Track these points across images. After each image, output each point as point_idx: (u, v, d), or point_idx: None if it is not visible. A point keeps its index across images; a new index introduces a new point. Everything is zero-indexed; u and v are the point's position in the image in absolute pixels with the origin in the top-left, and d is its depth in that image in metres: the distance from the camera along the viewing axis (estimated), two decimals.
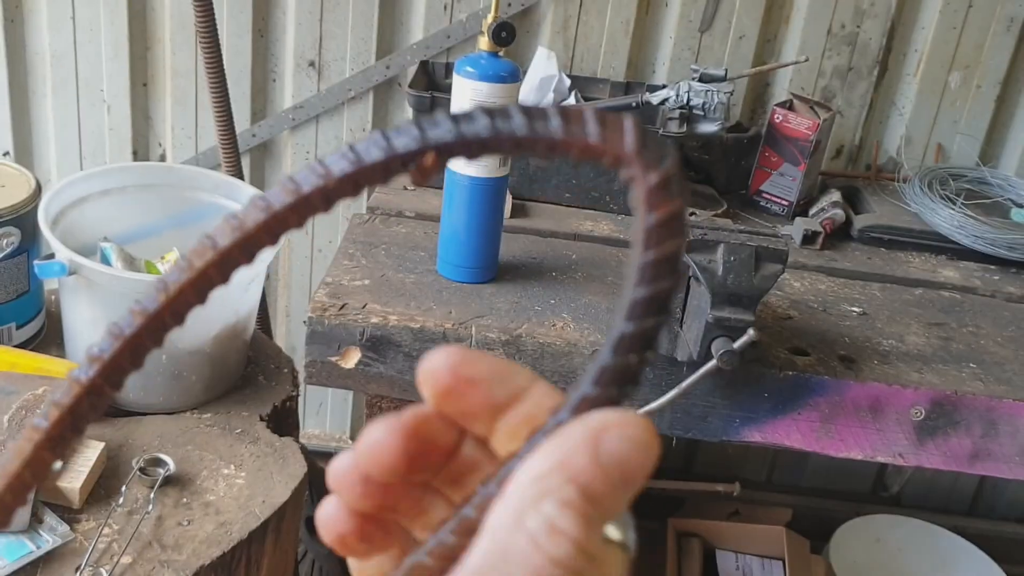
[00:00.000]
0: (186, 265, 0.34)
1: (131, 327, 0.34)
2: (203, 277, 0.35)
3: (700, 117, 1.56)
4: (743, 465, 2.12)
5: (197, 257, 0.34)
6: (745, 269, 1.04)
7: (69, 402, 0.34)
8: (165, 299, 0.35)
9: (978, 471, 1.20)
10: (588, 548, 0.27)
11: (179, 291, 0.35)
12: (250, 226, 0.33)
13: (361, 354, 1.16)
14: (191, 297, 0.35)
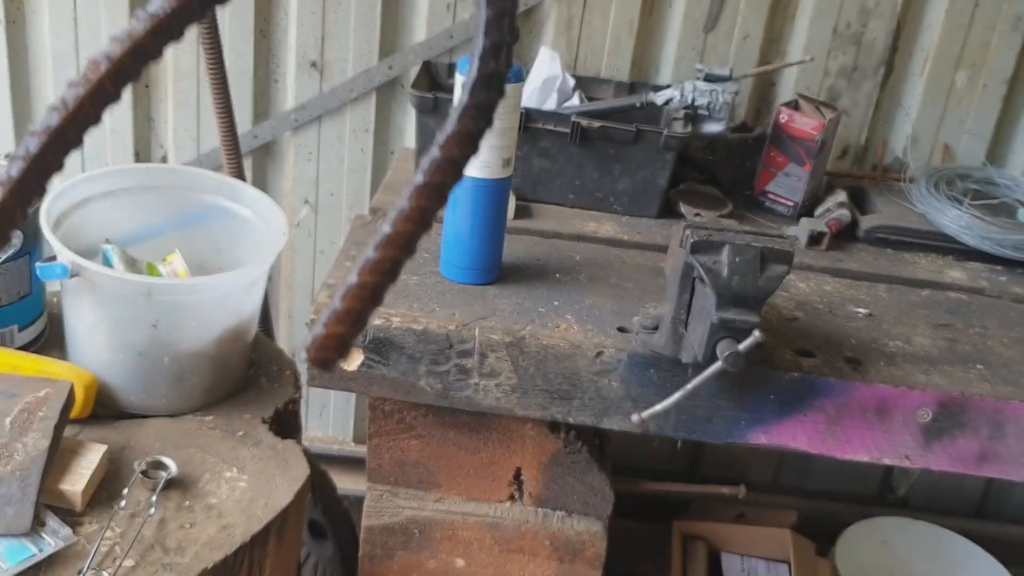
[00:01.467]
0: (82, 80, 0.34)
1: (37, 146, 0.34)
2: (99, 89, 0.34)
3: (705, 117, 1.55)
4: (748, 467, 2.11)
5: (92, 72, 0.34)
6: (750, 270, 1.03)
7: None
8: (66, 114, 0.34)
9: (985, 473, 1.19)
10: None
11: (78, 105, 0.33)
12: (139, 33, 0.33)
13: (364, 356, 1.16)
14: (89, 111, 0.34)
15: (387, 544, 1.31)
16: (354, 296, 0.37)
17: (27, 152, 0.34)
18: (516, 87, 1.18)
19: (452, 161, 0.36)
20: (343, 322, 0.37)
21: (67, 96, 0.34)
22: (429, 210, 0.36)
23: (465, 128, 0.35)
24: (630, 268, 1.37)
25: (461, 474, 1.28)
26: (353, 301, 0.37)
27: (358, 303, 0.37)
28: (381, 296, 0.37)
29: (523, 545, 1.30)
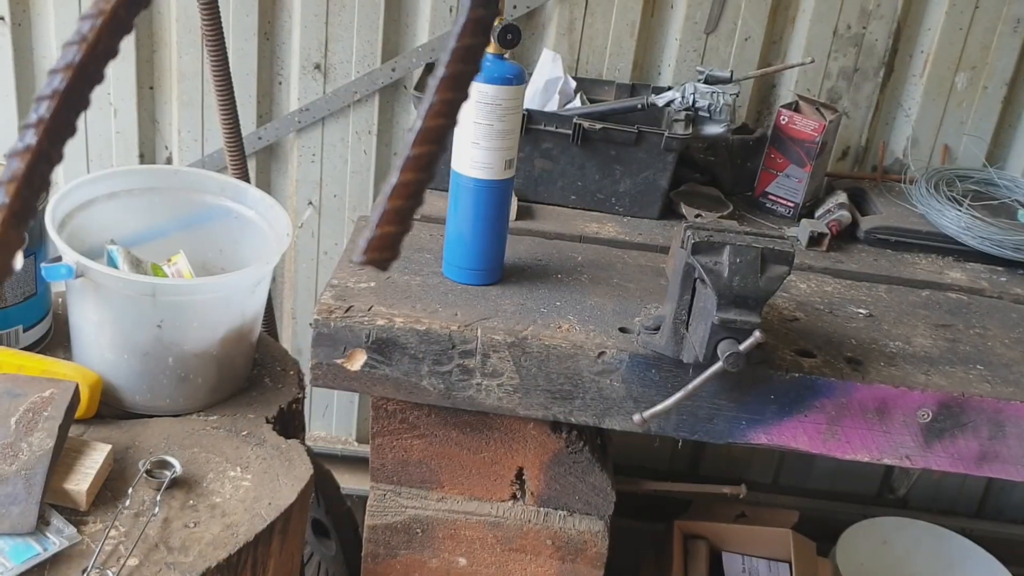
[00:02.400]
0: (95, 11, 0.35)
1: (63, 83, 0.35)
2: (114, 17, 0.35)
3: (706, 119, 1.56)
4: (749, 467, 2.12)
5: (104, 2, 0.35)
6: (751, 271, 1.04)
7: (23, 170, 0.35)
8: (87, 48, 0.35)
9: (985, 473, 1.20)
10: None
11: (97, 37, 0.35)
12: None
13: (367, 356, 1.16)
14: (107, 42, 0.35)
15: (390, 543, 1.32)
16: (398, 195, 0.39)
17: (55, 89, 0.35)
18: (518, 89, 1.18)
19: (469, 48, 0.38)
20: (392, 221, 0.39)
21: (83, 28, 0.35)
22: (456, 102, 0.39)
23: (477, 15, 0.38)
24: (631, 269, 1.38)
25: (463, 473, 1.29)
26: (398, 200, 0.39)
27: (403, 201, 0.39)
28: (422, 193, 0.40)
29: (525, 544, 1.31)
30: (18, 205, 0.36)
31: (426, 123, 0.39)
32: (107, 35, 0.36)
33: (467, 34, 0.38)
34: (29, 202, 0.36)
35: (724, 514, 1.90)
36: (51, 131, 0.35)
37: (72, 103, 0.35)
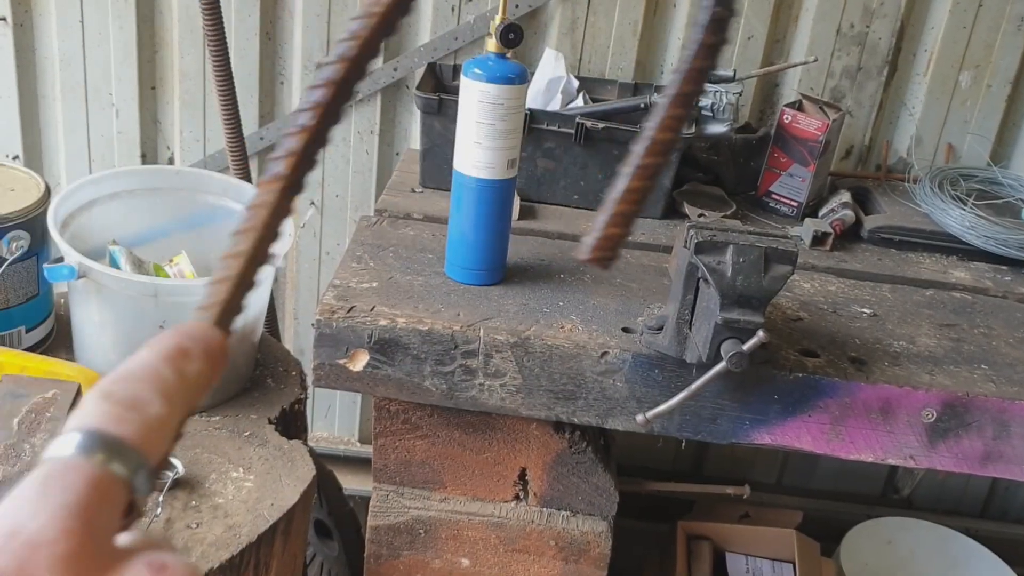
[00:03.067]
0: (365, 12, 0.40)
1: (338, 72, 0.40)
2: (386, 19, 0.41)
3: (709, 118, 1.55)
4: (753, 467, 2.11)
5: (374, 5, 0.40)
6: (754, 270, 1.03)
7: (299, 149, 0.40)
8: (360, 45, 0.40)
9: (990, 473, 1.19)
10: None
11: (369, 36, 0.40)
12: None
13: (369, 356, 1.16)
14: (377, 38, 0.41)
15: (392, 544, 1.31)
16: (627, 200, 0.42)
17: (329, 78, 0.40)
18: (520, 88, 1.18)
19: (700, 71, 0.42)
20: (618, 224, 0.43)
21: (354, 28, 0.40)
22: (683, 118, 0.43)
23: (710, 40, 0.42)
24: (634, 268, 1.37)
25: (466, 474, 1.28)
26: (626, 204, 0.42)
27: (630, 206, 0.43)
28: (646, 200, 0.43)
29: (528, 545, 1.30)
30: (293, 179, 0.40)
31: (657, 135, 0.42)
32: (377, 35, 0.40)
33: (700, 57, 0.42)
34: (302, 177, 0.40)
35: (728, 514, 1.89)
36: (325, 115, 0.40)
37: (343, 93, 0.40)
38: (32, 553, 0.29)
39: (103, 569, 0.30)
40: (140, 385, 0.34)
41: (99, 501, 0.31)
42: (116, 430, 0.32)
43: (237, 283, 0.39)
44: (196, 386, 0.36)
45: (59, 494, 0.30)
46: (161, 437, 0.34)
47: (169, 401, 0.34)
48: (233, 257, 0.39)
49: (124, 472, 0.32)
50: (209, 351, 0.37)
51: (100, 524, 0.30)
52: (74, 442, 0.32)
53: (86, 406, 0.33)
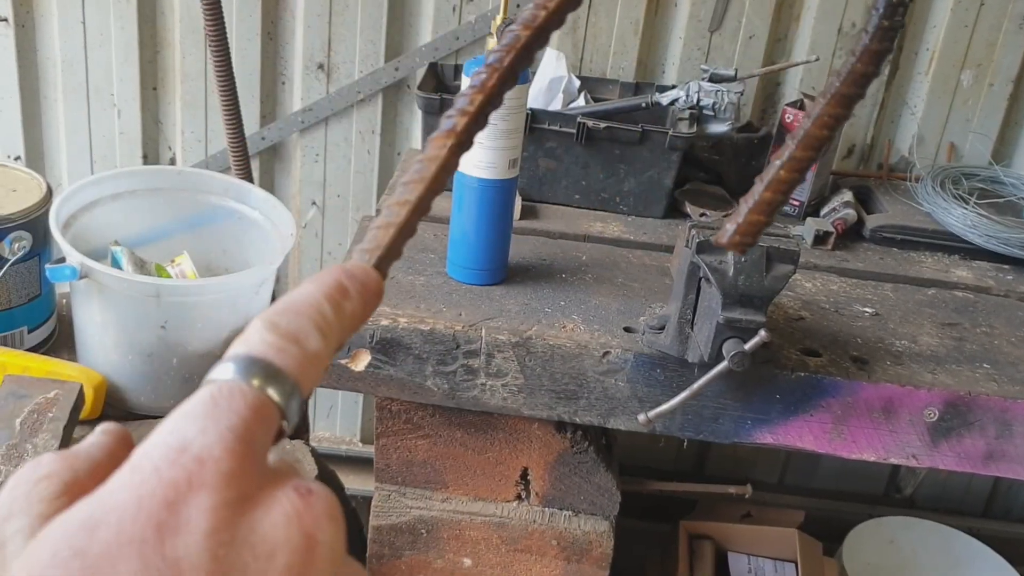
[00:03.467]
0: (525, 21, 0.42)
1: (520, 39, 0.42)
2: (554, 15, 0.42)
3: (710, 117, 1.55)
4: (755, 467, 2.11)
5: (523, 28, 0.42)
6: (756, 270, 1.03)
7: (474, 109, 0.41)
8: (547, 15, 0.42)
9: (993, 472, 1.19)
10: None
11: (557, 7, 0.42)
12: None
13: (371, 356, 1.16)
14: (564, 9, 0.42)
15: (394, 544, 1.31)
16: (775, 189, 0.43)
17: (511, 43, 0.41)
18: (522, 88, 1.18)
19: (864, 75, 0.43)
20: (763, 211, 0.43)
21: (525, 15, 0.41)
22: (841, 117, 0.44)
23: (877, 47, 0.43)
24: (636, 268, 1.37)
25: (468, 474, 1.28)
26: (773, 193, 0.43)
27: (776, 195, 0.43)
28: (792, 192, 0.44)
29: (530, 545, 1.30)
30: (464, 136, 0.41)
31: (813, 130, 0.43)
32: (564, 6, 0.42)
33: (863, 62, 0.43)
34: (472, 136, 0.41)
35: (729, 514, 1.89)
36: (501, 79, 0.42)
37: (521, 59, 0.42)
38: (200, 468, 0.31)
39: (260, 487, 0.32)
40: (302, 319, 0.36)
41: (258, 424, 0.33)
42: (277, 360, 0.34)
43: (400, 230, 0.40)
44: (350, 324, 0.38)
45: (224, 414, 0.32)
46: (315, 370, 0.36)
47: (325, 337, 0.36)
48: (399, 205, 0.41)
49: (280, 398, 0.34)
50: (366, 292, 0.39)
51: (258, 445, 0.33)
52: (237, 367, 0.34)
53: (251, 334, 0.35)
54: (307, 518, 0.32)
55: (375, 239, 0.40)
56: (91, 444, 0.36)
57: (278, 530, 0.31)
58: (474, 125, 0.41)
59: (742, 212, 0.44)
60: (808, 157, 0.43)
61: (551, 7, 0.41)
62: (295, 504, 0.32)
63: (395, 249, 0.41)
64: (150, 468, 0.31)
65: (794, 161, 0.44)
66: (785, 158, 0.44)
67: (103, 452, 0.36)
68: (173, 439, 0.32)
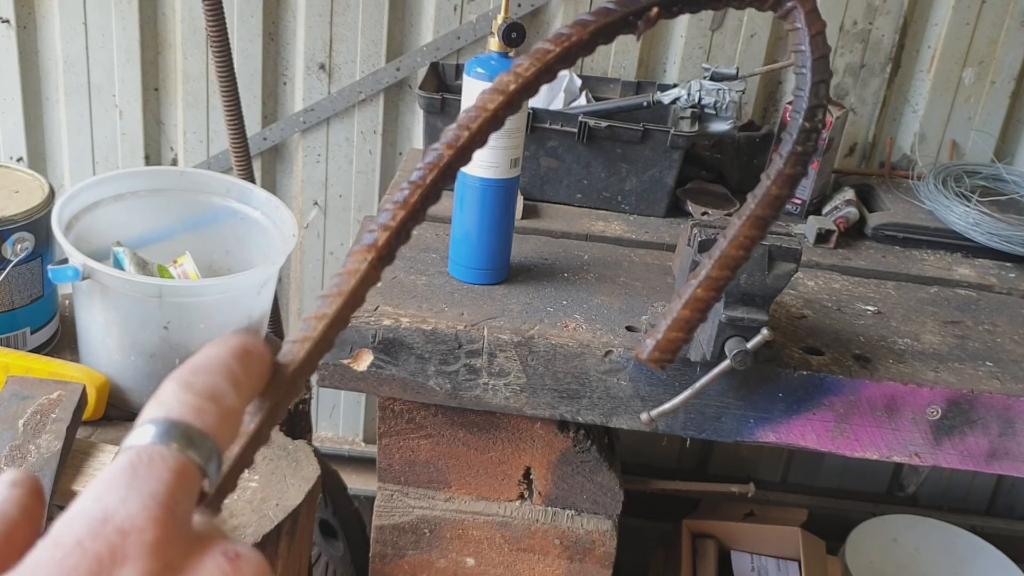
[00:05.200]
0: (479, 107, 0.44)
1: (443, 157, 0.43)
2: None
3: (712, 116, 1.55)
4: (758, 466, 2.11)
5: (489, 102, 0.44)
6: (758, 268, 1.03)
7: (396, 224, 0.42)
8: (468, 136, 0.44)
9: (996, 470, 1.19)
10: None
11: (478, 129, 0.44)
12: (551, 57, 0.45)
13: (373, 356, 1.16)
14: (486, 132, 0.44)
15: (397, 544, 1.31)
16: (692, 307, 0.45)
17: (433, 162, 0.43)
18: None
19: (778, 197, 0.45)
20: (682, 329, 0.45)
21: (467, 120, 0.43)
22: (757, 238, 0.45)
23: (791, 172, 0.45)
24: (638, 267, 1.37)
25: (471, 473, 1.28)
26: (692, 311, 0.45)
27: (695, 313, 0.45)
28: (710, 310, 0.45)
29: (533, 544, 1.30)
30: (385, 251, 0.42)
31: (729, 251, 0.45)
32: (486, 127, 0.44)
33: (778, 185, 0.45)
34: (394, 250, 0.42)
35: (732, 513, 1.89)
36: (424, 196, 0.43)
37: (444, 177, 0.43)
38: (123, 539, 0.30)
39: (186, 555, 0.32)
40: (215, 378, 0.36)
41: (181, 488, 0.32)
42: (195, 421, 0.34)
43: (316, 344, 0.41)
44: (256, 386, 0.38)
45: (146, 482, 0.32)
46: (233, 427, 0.36)
47: (239, 394, 0.36)
48: (317, 319, 0.41)
49: (200, 460, 0.34)
50: (264, 360, 0.39)
51: (182, 511, 0.32)
52: (155, 431, 0.33)
53: (166, 396, 0.35)
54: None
55: (291, 353, 0.41)
56: (3, 500, 0.35)
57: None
58: (396, 240, 0.42)
59: (661, 329, 0.45)
60: (725, 276, 0.45)
61: (474, 128, 0.43)
62: (223, 570, 0.32)
63: (310, 363, 0.41)
64: (72, 542, 0.30)
65: (711, 280, 0.45)
66: (702, 277, 0.45)
67: (16, 508, 0.35)
68: (95, 509, 0.31)
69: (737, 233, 0.45)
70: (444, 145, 0.43)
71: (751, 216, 0.44)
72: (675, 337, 0.44)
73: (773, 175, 0.45)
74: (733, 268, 0.45)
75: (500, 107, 0.43)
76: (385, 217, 0.42)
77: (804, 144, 0.44)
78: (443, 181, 0.43)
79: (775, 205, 0.45)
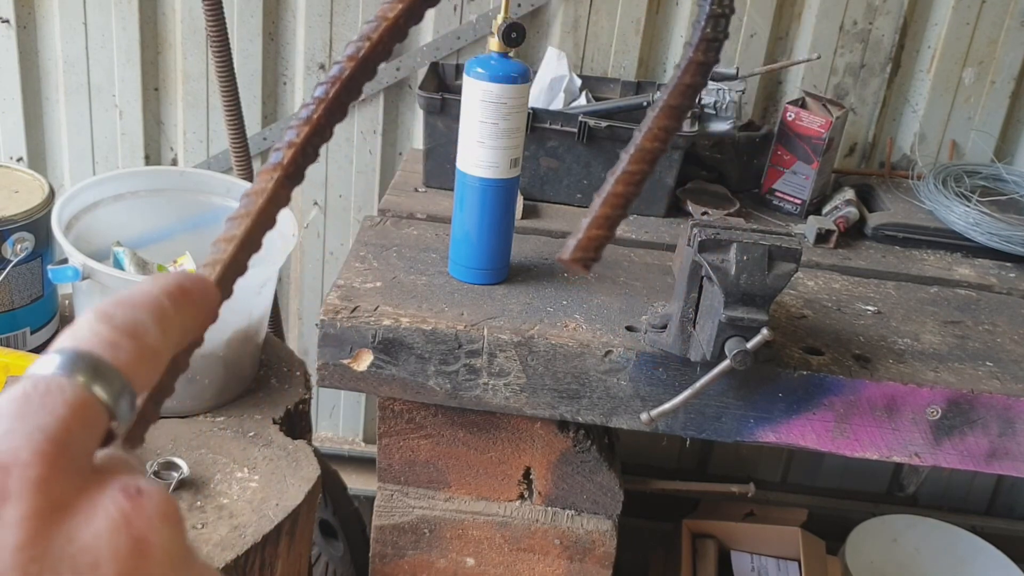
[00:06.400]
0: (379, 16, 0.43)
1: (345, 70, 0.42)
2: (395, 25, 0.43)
3: (712, 116, 1.55)
4: (758, 466, 2.11)
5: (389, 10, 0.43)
6: (758, 268, 1.03)
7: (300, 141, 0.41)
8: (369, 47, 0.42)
9: (995, 470, 1.19)
10: None
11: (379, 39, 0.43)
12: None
13: (373, 356, 1.16)
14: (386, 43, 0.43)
15: (397, 543, 1.31)
16: (611, 204, 0.44)
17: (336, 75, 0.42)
18: (523, 87, 1.18)
19: (690, 86, 0.44)
20: (602, 226, 0.44)
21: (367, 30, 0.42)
22: (673, 129, 0.45)
23: (699, 58, 0.44)
24: (638, 267, 1.37)
25: (471, 473, 1.28)
26: (611, 208, 0.44)
27: (615, 210, 0.44)
28: (630, 205, 0.45)
29: (533, 544, 1.30)
30: (292, 168, 0.41)
31: (643, 143, 0.45)
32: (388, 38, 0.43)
33: (690, 73, 0.44)
34: (301, 168, 0.42)
35: (732, 513, 1.89)
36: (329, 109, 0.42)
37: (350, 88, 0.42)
38: (3, 475, 0.27)
39: (79, 492, 0.29)
40: (139, 312, 0.33)
41: (77, 424, 0.30)
42: (107, 354, 0.31)
43: (226, 267, 0.40)
44: (191, 327, 0.36)
45: (36, 414, 0.29)
46: (153, 367, 0.33)
47: (164, 333, 0.34)
48: (226, 242, 0.40)
49: (107, 396, 0.31)
50: (205, 298, 0.37)
51: (76, 448, 0.29)
52: (58, 361, 0.31)
53: (80, 326, 0.32)
54: (136, 521, 0.29)
55: None
56: None
57: (101, 538, 0.28)
58: (301, 157, 0.42)
59: (582, 228, 0.44)
60: (641, 170, 0.45)
61: (374, 38, 0.42)
62: (121, 507, 0.29)
63: (224, 287, 0.39)
64: None
65: (627, 175, 0.45)
66: (618, 172, 0.45)
67: None
68: None
69: (651, 125, 0.44)
70: (346, 58, 0.42)
71: (664, 107, 0.44)
72: (596, 235, 0.44)
73: (684, 64, 0.44)
74: (650, 162, 0.44)
75: (401, 14, 0.43)
76: (291, 135, 0.41)
77: (714, 29, 0.44)
78: (347, 95, 0.42)
79: (687, 94, 0.44)
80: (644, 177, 0.45)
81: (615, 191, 0.44)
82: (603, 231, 0.44)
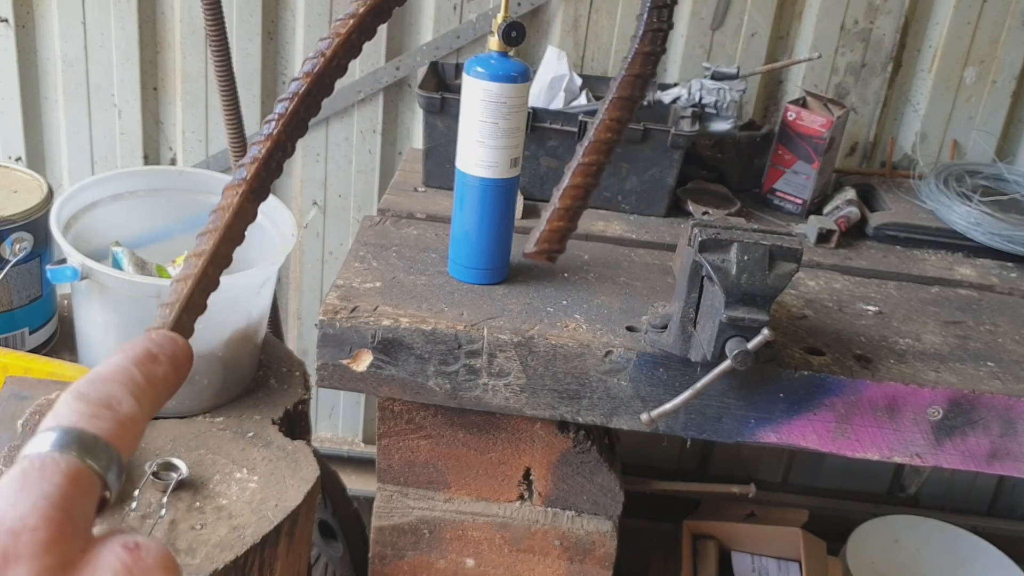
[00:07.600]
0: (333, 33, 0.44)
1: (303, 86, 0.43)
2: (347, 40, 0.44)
3: (712, 115, 1.55)
4: (758, 466, 2.11)
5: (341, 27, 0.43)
6: (759, 268, 1.03)
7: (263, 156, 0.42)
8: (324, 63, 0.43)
9: (997, 471, 1.19)
10: None
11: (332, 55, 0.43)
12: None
13: (372, 357, 1.16)
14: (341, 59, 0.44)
15: (397, 544, 1.31)
16: (570, 195, 0.46)
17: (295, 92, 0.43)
18: (523, 87, 1.17)
19: (638, 76, 0.45)
20: (563, 217, 0.46)
21: (321, 47, 0.43)
22: (624, 120, 0.45)
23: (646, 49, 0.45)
24: (638, 267, 1.37)
25: (471, 474, 1.28)
26: (569, 199, 0.46)
27: (574, 201, 0.46)
28: (590, 196, 0.46)
29: (533, 545, 1.30)
30: (256, 183, 0.42)
31: (597, 135, 0.46)
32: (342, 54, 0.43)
33: (637, 64, 0.45)
34: (265, 183, 0.43)
35: (733, 513, 1.89)
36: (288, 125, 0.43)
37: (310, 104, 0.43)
38: (15, 540, 0.30)
39: (82, 551, 0.31)
40: (112, 386, 0.36)
41: (76, 491, 0.32)
42: (90, 427, 0.34)
43: (197, 281, 0.41)
44: (163, 388, 0.38)
45: (38, 485, 0.31)
46: (132, 434, 0.36)
47: (138, 400, 0.36)
48: (196, 256, 0.41)
49: (98, 467, 0.34)
50: (175, 357, 0.39)
51: (77, 512, 0.32)
52: (50, 439, 0.33)
53: (60, 407, 0.35)
54: (137, 571, 0.31)
55: (175, 292, 0.41)
56: None
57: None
58: (265, 172, 0.43)
59: (543, 221, 0.47)
60: (597, 161, 0.47)
61: (328, 55, 0.43)
62: (123, 560, 0.31)
63: (194, 302, 0.41)
64: None
65: (585, 167, 0.47)
66: (575, 165, 0.48)
67: None
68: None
69: (604, 117, 0.46)
70: (304, 75, 0.43)
71: (614, 99, 0.45)
72: (558, 227, 0.46)
73: (631, 56, 0.45)
74: (605, 152, 0.46)
75: (353, 30, 0.43)
76: (254, 151, 0.43)
77: (659, 19, 0.44)
78: (307, 110, 0.43)
79: (637, 85, 0.45)
80: (601, 168, 0.46)
81: (573, 183, 0.46)
82: (564, 222, 0.46)
